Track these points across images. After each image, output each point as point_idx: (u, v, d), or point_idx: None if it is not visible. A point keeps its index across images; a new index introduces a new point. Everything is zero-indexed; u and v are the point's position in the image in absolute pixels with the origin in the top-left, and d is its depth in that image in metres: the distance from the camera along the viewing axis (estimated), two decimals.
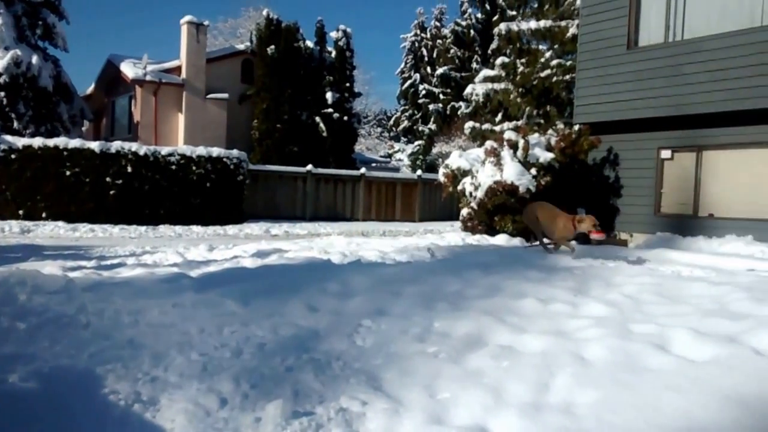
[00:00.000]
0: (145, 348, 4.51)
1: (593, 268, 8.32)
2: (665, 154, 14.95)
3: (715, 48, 13.42)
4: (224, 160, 22.80)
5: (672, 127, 14.58)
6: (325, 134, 31.46)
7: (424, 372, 4.25)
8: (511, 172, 14.09)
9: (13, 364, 4.06)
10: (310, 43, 32.25)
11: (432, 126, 48.39)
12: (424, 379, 4.13)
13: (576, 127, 15.98)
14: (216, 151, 22.88)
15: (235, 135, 29.68)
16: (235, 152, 23.32)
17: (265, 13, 31.05)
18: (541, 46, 24.93)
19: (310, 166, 26.86)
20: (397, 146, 54.77)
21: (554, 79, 23.64)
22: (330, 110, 31.95)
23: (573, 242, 10.31)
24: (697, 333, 4.61)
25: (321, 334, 4.98)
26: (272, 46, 29.85)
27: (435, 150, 43.01)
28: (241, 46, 33.04)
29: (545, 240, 10.72)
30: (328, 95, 32.11)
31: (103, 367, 4.14)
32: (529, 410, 3.63)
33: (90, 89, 33.01)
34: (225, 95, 29.78)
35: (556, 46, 24.12)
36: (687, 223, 14.34)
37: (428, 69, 52.79)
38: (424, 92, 51.08)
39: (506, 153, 14.59)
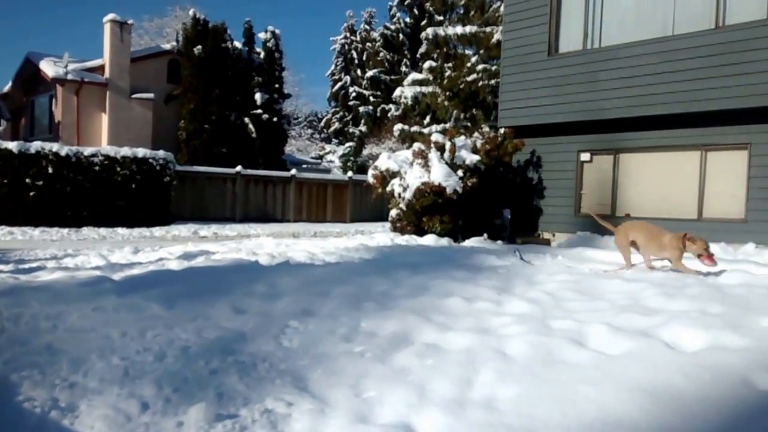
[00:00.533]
0: (63, 353, 4.37)
1: (516, 267, 8.47)
2: (585, 156, 15.36)
3: (628, 56, 13.89)
4: (150, 160, 22.37)
5: (591, 131, 14.97)
6: (254, 135, 31.20)
7: (350, 371, 4.25)
8: (439, 173, 14.25)
9: None
10: (238, 44, 31.97)
11: (363, 128, 48.50)
12: (350, 379, 4.13)
13: (501, 131, 16.25)
14: (141, 151, 22.44)
15: (162, 136, 29.11)
16: (161, 153, 22.91)
17: (191, 12, 30.65)
18: (468, 51, 25.25)
19: (239, 167, 26.59)
20: (328, 148, 54.68)
21: (480, 83, 23.98)
22: (259, 111, 31.70)
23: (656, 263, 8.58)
24: (613, 328, 4.74)
25: (247, 336, 4.92)
26: (199, 46, 29.45)
27: (366, 152, 43.15)
28: (167, 46, 32.45)
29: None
30: (257, 96, 31.86)
31: (18, 374, 4.01)
32: (453, 406, 3.67)
33: (6, 88, 31.91)
34: (150, 95, 29.20)
35: (481, 52, 24.50)
36: None
37: (358, 71, 52.93)
38: (354, 94, 51.18)
39: (433, 155, 14.75)
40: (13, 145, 20.23)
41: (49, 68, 27.66)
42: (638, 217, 13.93)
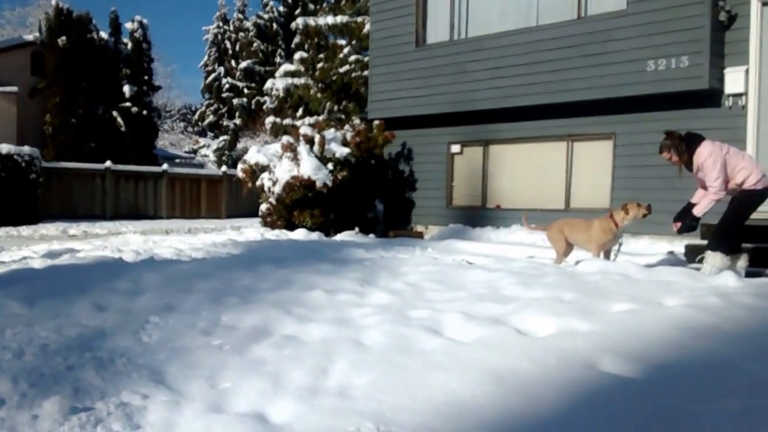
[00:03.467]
0: None
1: (383, 260, 8.72)
2: (455, 148, 15.76)
3: (494, 46, 14.26)
4: (15, 157, 21.52)
5: (460, 122, 15.34)
6: (123, 129, 30.37)
7: (207, 364, 4.34)
8: (308, 167, 14.38)
9: None
10: (104, 35, 31.00)
11: (237, 121, 47.90)
12: (206, 371, 4.22)
13: (376, 122, 16.44)
14: (6, 147, 21.58)
15: (27, 131, 27.95)
16: (26, 149, 22.06)
17: (54, 2, 29.38)
18: (341, 41, 25.33)
19: (108, 163, 25.85)
20: (202, 141, 53.58)
21: (353, 74, 24.13)
22: (128, 104, 30.89)
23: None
24: (468, 316, 5.01)
25: (107, 333, 4.93)
26: (63, 37, 28.38)
27: (240, 145, 42.69)
28: (30, 37, 31.09)
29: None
30: (126, 88, 31.02)
31: None
32: (306, 395, 3.83)
33: None
34: (14, 88, 28.02)
35: (354, 42, 24.61)
36: (477, 215, 15.19)
37: (232, 62, 52.13)
38: (228, 86, 50.41)
39: (303, 148, 14.86)
40: None
41: None
42: (510, 209, 14.47)
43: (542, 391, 3.61)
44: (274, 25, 48.20)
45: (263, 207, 15.78)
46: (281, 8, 48.05)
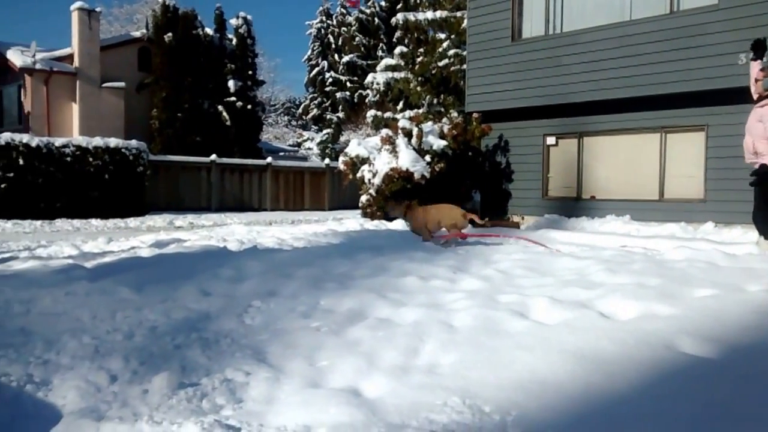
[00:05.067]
0: (36, 334, 4.71)
1: (477, 248, 8.89)
2: (550, 140, 15.83)
3: (589, 41, 14.39)
4: (123, 151, 22.51)
5: (555, 114, 15.45)
6: (228, 123, 31.32)
7: (306, 344, 4.62)
8: (406, 159, 14.63)
9: None
10: (209, 31, 32.02)
11: (340, 114, 48.62)
12: (305, 351, 4.50)
13: (473, 115, 16.62)
14: (114, 141, 22.55)
15: (134, 125, 29.16)
16: (134, 143, 23.04)
17: None
18: (441, 36, 25.49)
19: (214, 156, 26.77)
20: (306, 134, 54.65)
21: (452, 68, 24.29)
22: (233, 99, 31.82)
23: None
24: (554, 300, 5.15)
25: (212, 316, 5.28)
26: (170, 34, 29.48)
27: (343, 138, 43.33)
28: (137, 34, 32.46)
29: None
30: (231, 83, 31.96)
31: None
32: (398, 372, 4.05)
33: None
34: (122, 84, 29.20)
35: (453, 36, 24.74)
36: (572, 205, 15.25)
37: (335, 56, 52.88)
38: (331, 80, 51.21)
39: (401, 141, 15.12)
40: None
41: (16, 57, 27.59)
42: (605, 200, 14.51)
43: (622, 370, 3.73)
44: (376, 20, 48.66)
45: (363, 198, 16.14)
46: (383, 3, 48.47)
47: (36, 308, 5.27)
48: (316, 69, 54.29)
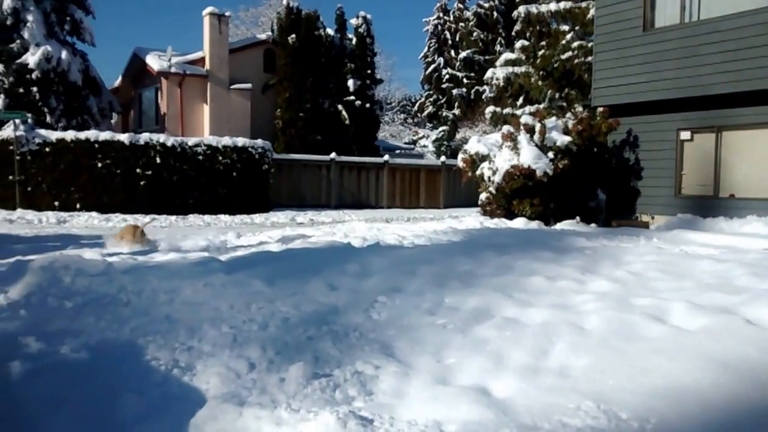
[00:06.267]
0: (180, 322, 5.01)
1: (605, 249, 8.66)
2: (685, 135, 15.13)
3: (731, 28, 13.57)
4: (249, 149, 23.30)
5: (690, 108, 14.74)
6: (347, 122, 31.78)
7: (432, 341, 4.66)
8: (528, 156, 14.41)
9: (63, 337, 4.58)
10: (330, 31, 32.55)
11: (456, 111, 48.38)
12: (432, 347, 4.54)
13: (599, 109, 16.15)
14: (241, 141, 23.39)
15: (259, 125, 30.07)
16: (259, 142, 23.81)
17: (285, 1, 31.35)
18: (564, 27, 24.96)
19: (333, 154, 27.30)
20: (421, 132, 54.72)
21: (576, 61, 23.74)
22: (352, 98, 32.25)
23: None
24: (694, 305, 4.96)
25: (340, 310, 5.43)
26: (293, 35, 30.16)
27: (459, 135, 43.15)
28: (262, 36, 33.43)
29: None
30: (350, 83, 32.41)
31: (144, 339, 4.66)
32: (527, 373, 4.03)
33: (117, 82, 33.54)
34: (248, 85, 30.16)
35: (577, 28, 24.19)
36: (708, 204, 14.55)
37: (452, 52, 52.66)
38: (447, 76, 51.02)
39: (522, 137, 14.89)
40: (124, 137, 21.54)
41: (154, 62, 28.98)
42: (745, 199, 13.79)
43: None
44: (495, 14, 48.08)
45: (482, 196, 16.03)
46: None
47: (179, 298, 5.58)
48: (432, 66, 54.19)
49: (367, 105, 32.96)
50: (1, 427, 3.61)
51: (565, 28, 24.78)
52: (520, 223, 13.64)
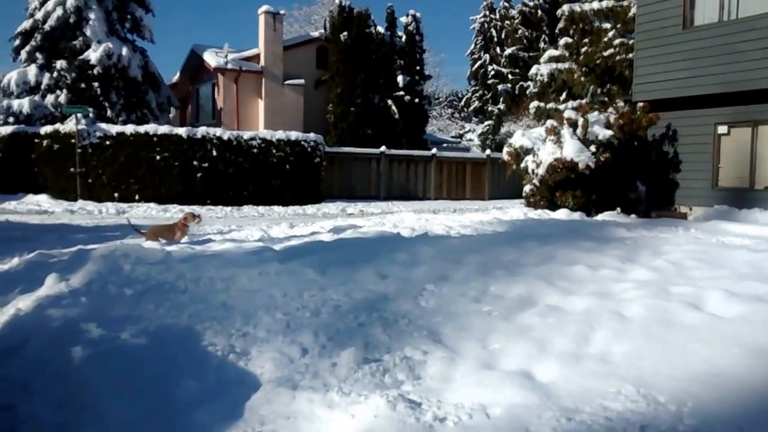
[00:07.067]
0: (236, 309, 5.08)
1: (644, 239, 8.54)
2: (722, 129, 14.91)
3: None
4: (302, 143, 23.44)
5: (728, 103, 14.50)
6: (396, 116, 31.76)
7: (478, 327, 4.67)
8: (571, 149, 14.28)
9: (123, 324, 4.69)
10: (381, 29, 32.52)
11: (501, 106, 48.03)
12: (478, 333, 4.55)
13: (640, 104, 15.95)
14: (294, 134, 23.55)
15: (312, 119, 30.23)
16: (312, 135, 23.95)
17: (337, 0, 31.46)
18: (606, 25, 24.63)
19: (383, 148, 27.33)
20: (467, 126, 54.50)
21: (617, 57, 23.40)
22: (401, 93, 32.19)
23: None
24: (730, 293, 4.87)
25: (389, 297, 5.46)
26: (345, 33, 30.23)
27: (504, 129, 42.90)
28: (315, 34, 33.60)
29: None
30: (399, 78, 32.36)
31: (201, 325, 4.75)
32: (569, 359, 4.02)
33: (175, 78, 34.04)
34: (301, 81, 30.34)
35: (618, 26, 23.84)
36: (744, 196, 14.32)
37: (497, 49, 52.25)
38: (493, 73, 50.66)
39: (566, 131, 14.78)
40: (182, 131, 21.86)
41: (211, 59, 29.35)
42: None
43: None
44: (539, 12, 47.58)
45: (526, 188, 15.95)
46: None
47: (234, 286, 5.66)
48: (479, 62, 53.85)
49: (416, 100, 32.88)
50: (64, 409, 3.72)
51: (607, 25, 24.42)
52: (562, 214, 13.52)
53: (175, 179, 21.51)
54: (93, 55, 25.74)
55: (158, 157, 21.40)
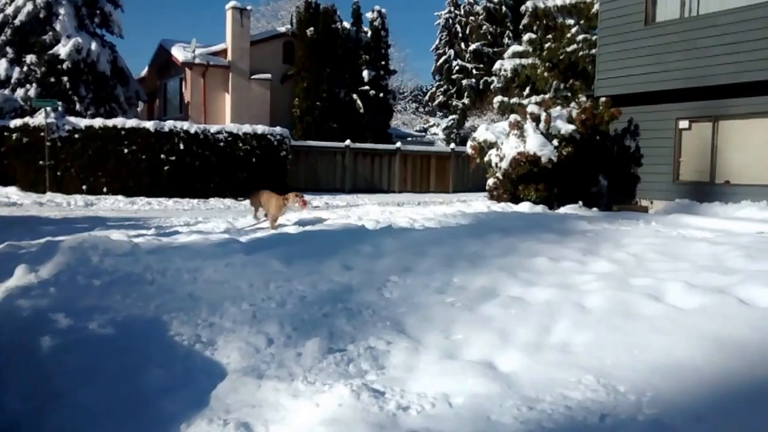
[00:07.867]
0: (202, 300, 5.03)
1: (606, 231, 8.64)
2: (683, 124, 15.04)
3: (728, 22, 13.47)
4: (268, 136, 23.25)
5: (689, 98, 14.64)
6: (362, 111, 31.71)
7: (441, 318, 4.68)
8: (534, 143, 14.35)
9: (92, 314, 4.61)
10: (347, 24, 32.43)
11: (465, 100, 48.16)
12: (441, 324, 4.56)
13: (602, 99, 16.05)
14: (261, 128, 23.32)
15: (278, 113, 30.06)
16: (278, 129, 23.76)
17: None
18: (569, 21, 24.78)
19: (348, 141, 27.25)
20: (432, 121, 54.54)
21: (580, 53, 23.57)
22: (366, 88, 32.15)
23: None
24: (690, 285, 4.94)
25: (354, 289, 5.45)
26: (311, 28, 30.10)
27: (468, 124, 43.05)
28: (282, 29, 33.37)
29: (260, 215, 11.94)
30: (365, 73, 32.30)
31: (168, 315, 4.69)
32: (531, 349, 4.04)
33: (143, 72, 33.65)
34: (268, 76, 30.16)
35: (582, 22, 24.01)
36: (704, 190, 14.46)
37: (462, 45, 52.38)
38: (457, 68, 50.80)
39: (529, 125, 14.84)
40: (150, 125, 21.52)
41: (179, 53, 29.01)
42: (740, 185, 13.71)
43: (763, 358, 3.54)
44: (503, 8, 47.80)
45: (490, 181, 16.00)
46: None
47: (201, 277, 5.61)
48: (443, 58, 53.93)
49: (381, 95, 32.85)
50: (33, 398, 3.65)
51: (571, 22, 24.57)
52: (525, 207, 13.59)
53: (143, 172, 21.18)
54: (63, 49, 25.30)
55: (126, 151, 21.04)
